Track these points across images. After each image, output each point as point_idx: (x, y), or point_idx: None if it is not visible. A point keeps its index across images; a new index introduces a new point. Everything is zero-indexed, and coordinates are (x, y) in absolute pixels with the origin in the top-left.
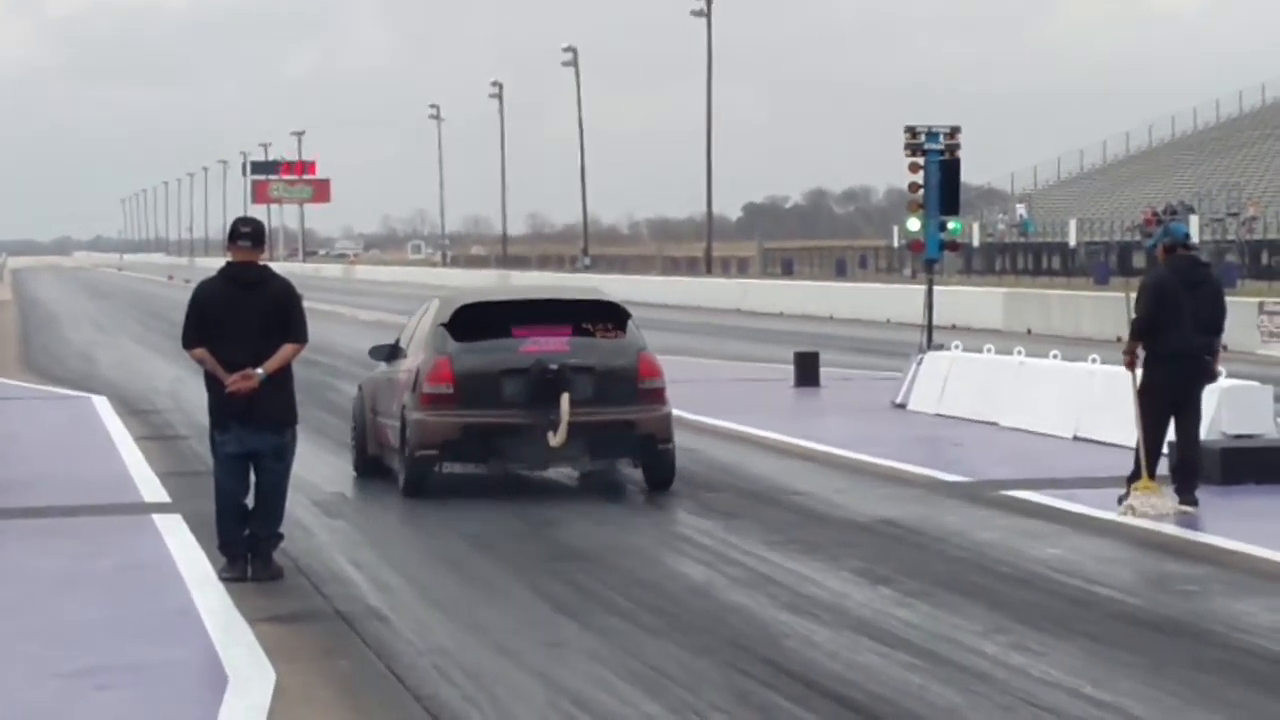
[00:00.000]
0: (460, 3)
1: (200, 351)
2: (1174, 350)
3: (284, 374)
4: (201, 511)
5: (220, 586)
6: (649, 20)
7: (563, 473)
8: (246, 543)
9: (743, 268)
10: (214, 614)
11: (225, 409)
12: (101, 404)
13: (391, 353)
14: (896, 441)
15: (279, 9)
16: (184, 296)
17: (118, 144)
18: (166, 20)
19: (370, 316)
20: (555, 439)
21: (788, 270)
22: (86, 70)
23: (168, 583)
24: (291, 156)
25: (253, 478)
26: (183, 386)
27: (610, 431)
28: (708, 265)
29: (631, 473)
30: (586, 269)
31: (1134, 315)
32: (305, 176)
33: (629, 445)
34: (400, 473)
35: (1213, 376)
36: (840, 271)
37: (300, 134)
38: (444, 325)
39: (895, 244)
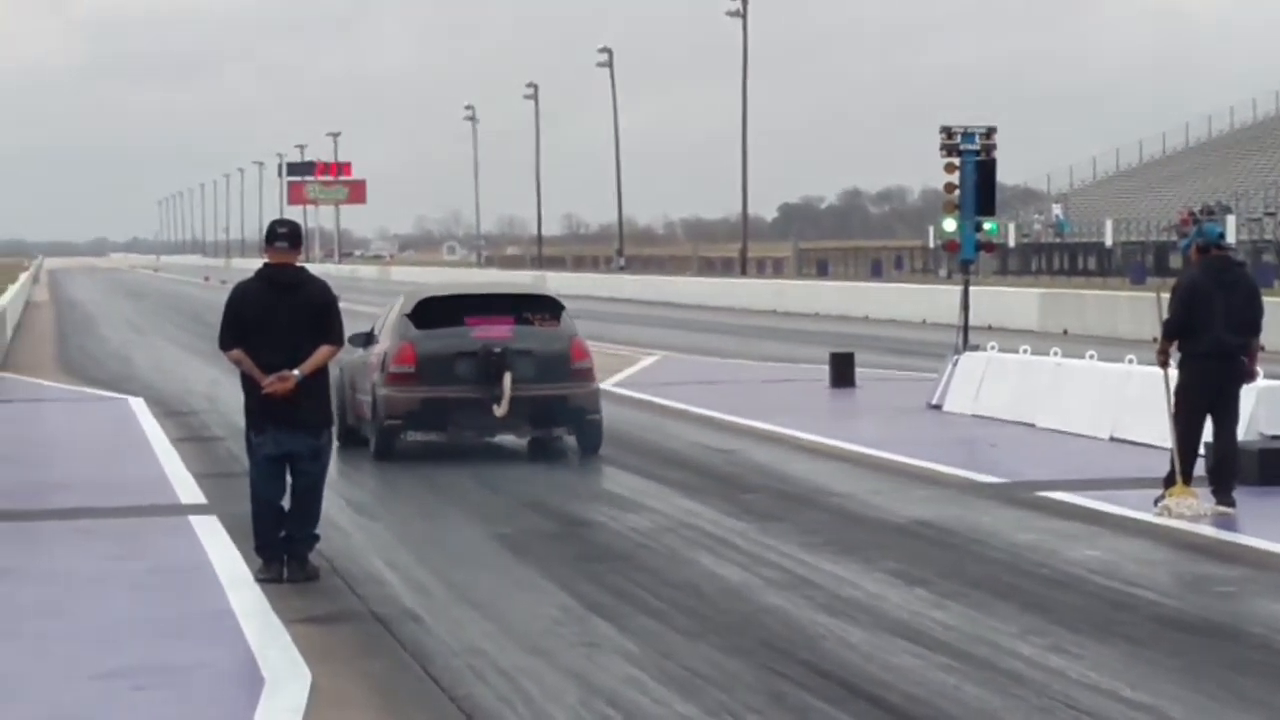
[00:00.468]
0: (495, 3)
1: (237, 353)
2: (1208, 350)
3: (320, 376)
4: (237, 513)
5: (256, 588)
6: (684, 20)
7: (593, 474)
8: (283, 544)
9: (778, 268)
10: (250, 615)
11: (262, 411)
12: (138, 405)
13: (367, 339)
14: (932, 443)
15: (314, 10)
16: (220, 298)
17: (154, 146)
18: (201, 22)
19: None
20: (500, 410)
21: (823, 271)
22: (122, 72)
23: (204, 584)
24: (327, 158)
25: (289, 479)
26: (219, 388)
27: (547, 404)
28: (743, 266)
29: (667, 474)
30: (621, 270)
31: (1165, 316)
32: (340, 178)
33: (563, 416)
34: (372, 439)
35: (1250, 376)
36: (875, 272)
37: (336, 135)
38: (408, 315)
39: (930, 244)
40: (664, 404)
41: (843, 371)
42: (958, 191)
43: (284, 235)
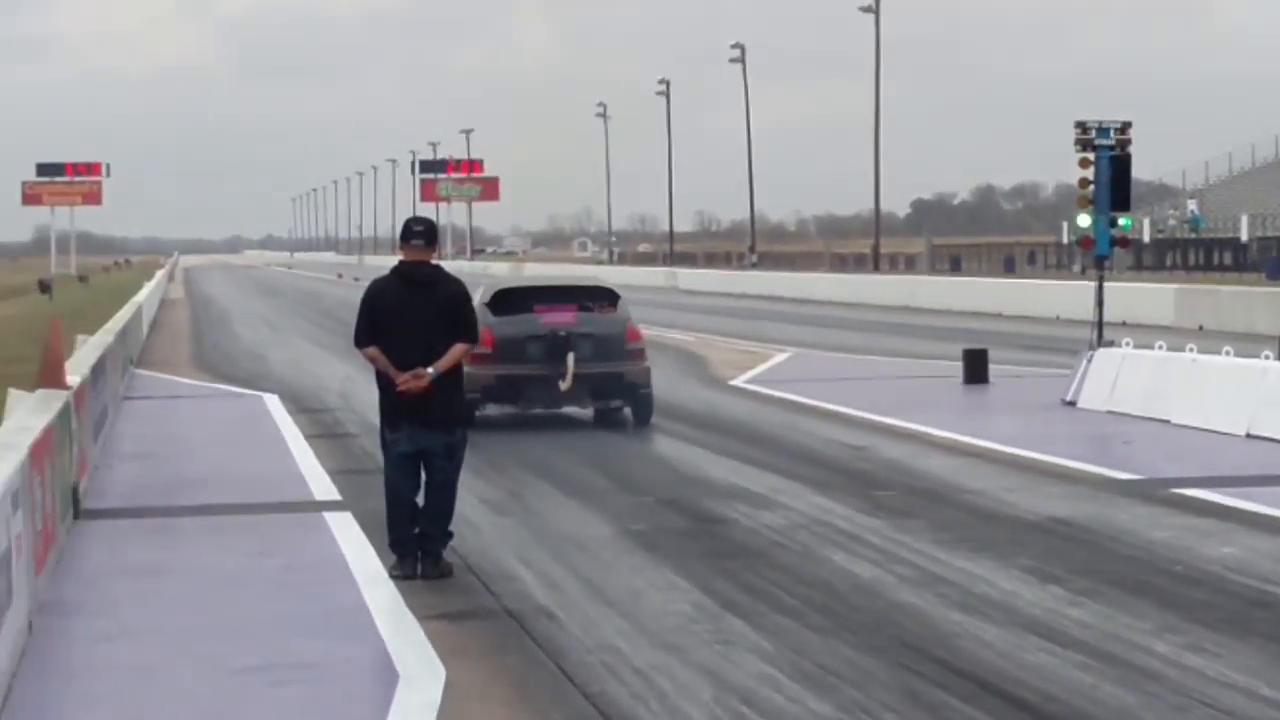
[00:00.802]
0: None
1: (372, 350)
2: None
3: (454, 373)
4: (372, 509)
5: (390, 584)
6: (816, 15)
7: (727, 471)
8: (416, 541)
9: (910, 264)
10: (384, 612)
11: (396, 408)
12: (272, 402)
13: None
14: (1067, 439)
15: (447, 8)
16: (353, 295)
17: (288, 143)
18: (335, 20)
19: None
20: (564, 385)
21: (956, 267)
22: (257, 70)
23: (339, 580)
24: (460, 155)
25: (423, 476)
26: (353, 385)
27: (605, 380)
28: (875, 262)
29: (800, 470)
30: (753, 266)
31: None
32: (473, 175)
33: (619, 390)
34: None
35: None
36: (1008, 268)
37: (469, 132)
38: (486, 304)
39: (1064, 240)
40: (796, 400)
41: (976, 368)
42: (1092, 187)
43: (419, 233)
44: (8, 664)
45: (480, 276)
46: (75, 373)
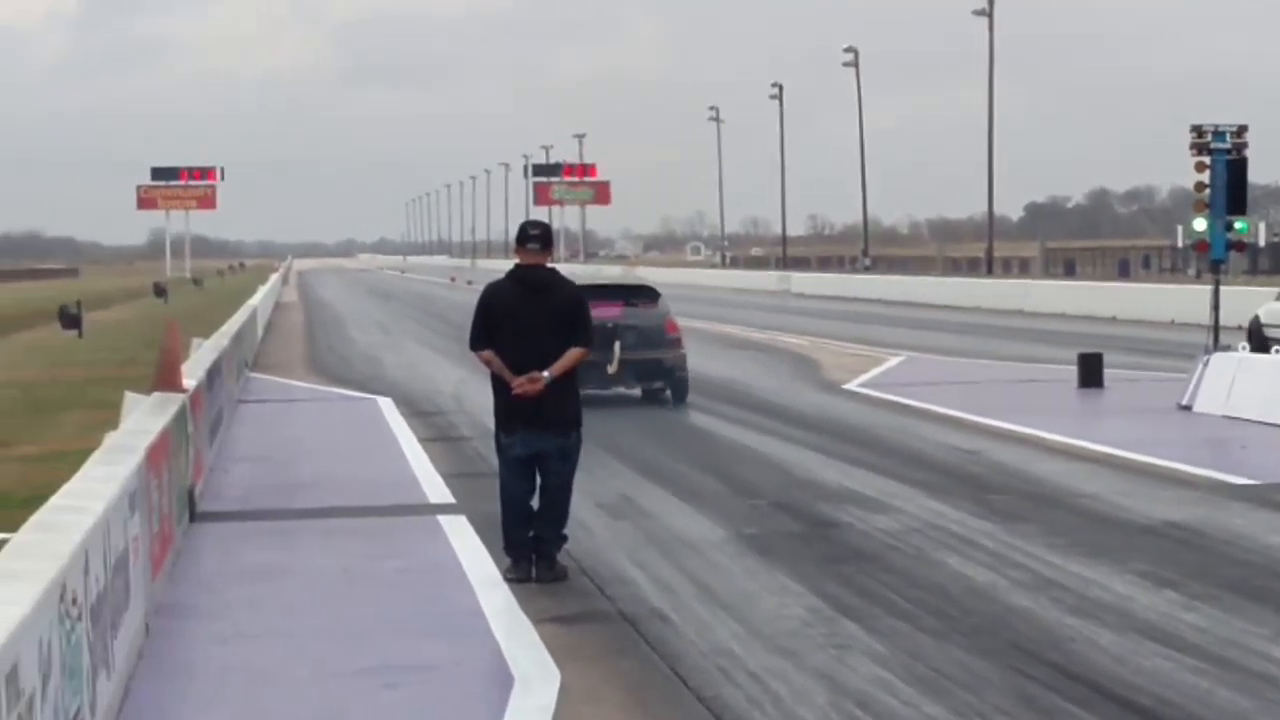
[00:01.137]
0: (739, 3)
1: (488, 354)
2: None
3: (569, 377)
4: (486, 512)
5: (504, 587)
6: (929, 18)
7: (840, 474)
8: (531, 544)
9: (1024, 268)
10: (499, 614)
11: (511, 411)
12: (386, 405)
13: None
14: (1182, 443)
15: (557, 12)
16: (466, 298)
17: (400, 146)
18: (447, 24)
19: None
20: (611, 369)
21: (1069, 271)
22: (370, 75)
23: (453, 583)
24: (572, 159)
25: (537, 479)
26: (466, 388)
27: (646, 365)
28: (989, 266)
29: (913, 474)
30: (866, 270)
31: None
32: (586, 179)
33: (659, 374)
34: None
35: None
36: (1123, 272)
37: (581, 136)
38: None
39: (1179, 244)
40: (908, 404)
41: (1091, 372)
42: (1208, 190)
43: (535, 237)
44: (126, 665)
45: (595, 280)
46: (191, 376)
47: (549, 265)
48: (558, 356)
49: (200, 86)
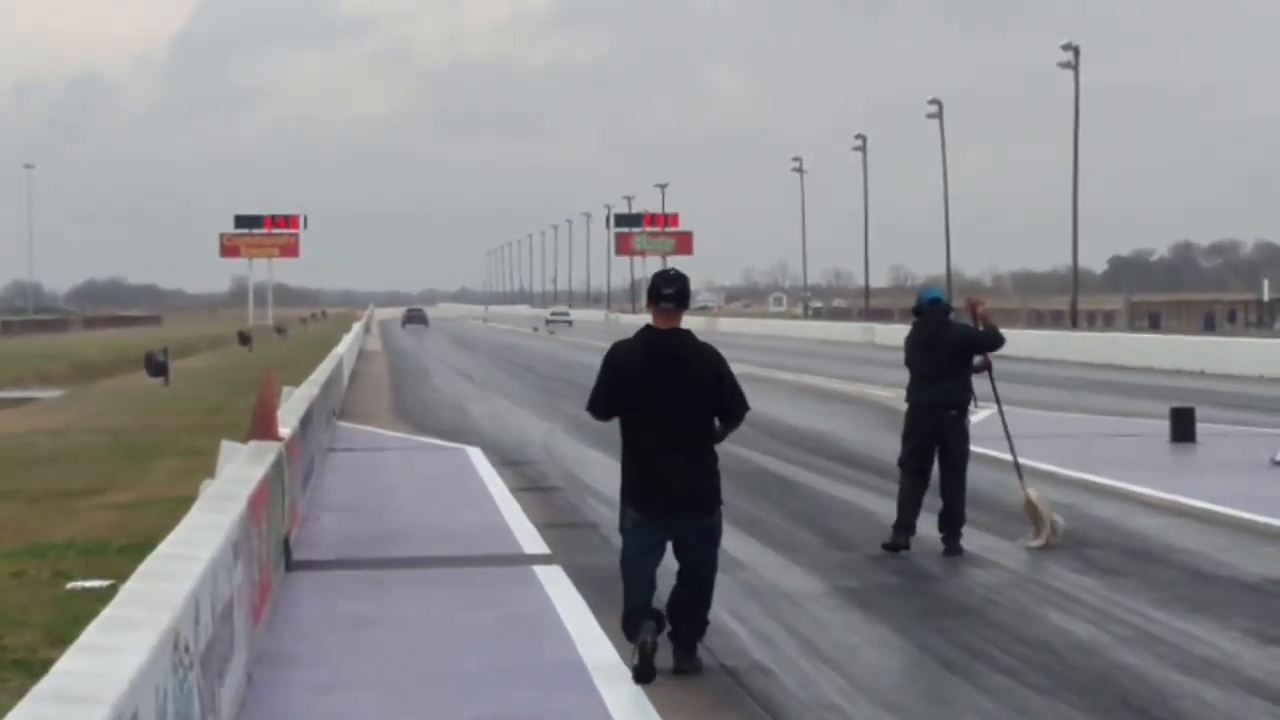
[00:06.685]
0: (820, 53)
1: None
2: None
3: (710, 448)
4: (581, 564)
5: (605, 638)
6: (1014, 71)
7: (933, 527)
8: (654, 631)
9: (1108, 321)
10: (601, 667)
11: (651, 486)
12: (475, 455)
13: None
14: (1279, 499)
15: (639, 62)
16: (548, 348)
17: (482, 195)
18: (529, 74)
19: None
20: None
21: (1154, 323)
22: (455, 124)
23: (553, 634)
24: (654, 209)
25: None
26: (555, 439)
27: None
28: (1073, 318)
29: (1008, 527)
30: None
31: None
32: (668, 229)
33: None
34: None
35: None
36: (1208, 325)
37: (663, 186)
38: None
39: (1264, 297)
40: (999, 457)
41: (1183, 426)
42: None
43: (670, 296)
44: (230, 715)
45: None
46: (285, 424)
47: (683, 328)
48: (695, 434)
49: (286, 134)
